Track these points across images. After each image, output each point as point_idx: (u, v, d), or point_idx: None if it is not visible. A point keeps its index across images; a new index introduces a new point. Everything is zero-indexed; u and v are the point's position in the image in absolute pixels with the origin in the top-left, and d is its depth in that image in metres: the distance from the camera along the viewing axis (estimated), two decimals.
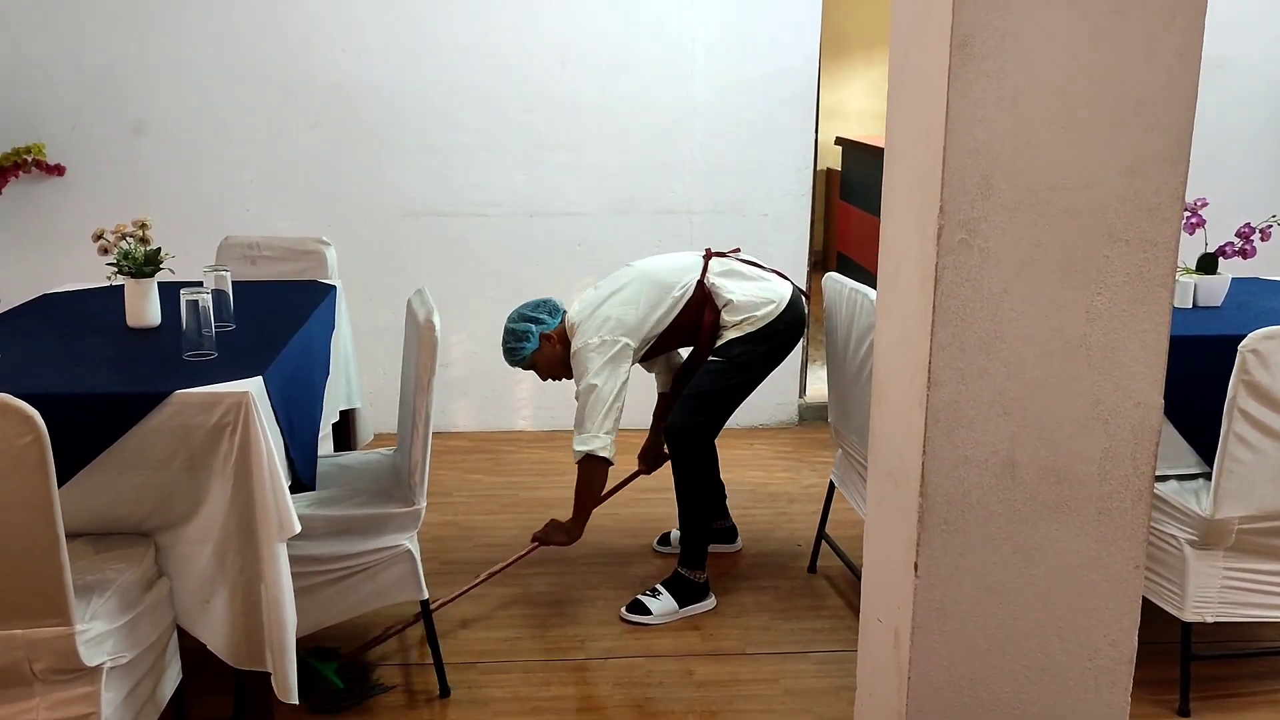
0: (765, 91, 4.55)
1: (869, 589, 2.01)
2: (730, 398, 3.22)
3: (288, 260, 3.60)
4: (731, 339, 3.17)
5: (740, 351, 3.16)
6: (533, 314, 3.24)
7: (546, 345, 3.22)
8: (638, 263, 3.34)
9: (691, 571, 3.20)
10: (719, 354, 3.18)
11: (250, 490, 2.23)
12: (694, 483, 3.21)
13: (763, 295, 3.19)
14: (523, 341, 3.21)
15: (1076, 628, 1.80)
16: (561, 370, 3.26)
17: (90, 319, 2.88)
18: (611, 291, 3.22)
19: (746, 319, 3.17)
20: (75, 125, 4.35)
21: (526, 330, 3.22)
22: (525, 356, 3.23)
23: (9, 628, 1.96)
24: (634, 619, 3.15)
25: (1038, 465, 1.74)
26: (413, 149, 4.48)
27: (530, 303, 3.29)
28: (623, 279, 3.26)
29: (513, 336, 3.23)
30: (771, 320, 3.17)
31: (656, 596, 3.19)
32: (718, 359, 3.18)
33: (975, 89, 1.61)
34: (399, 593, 2.66)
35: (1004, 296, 1.68)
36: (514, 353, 3.24)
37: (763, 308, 3.17)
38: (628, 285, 3.23)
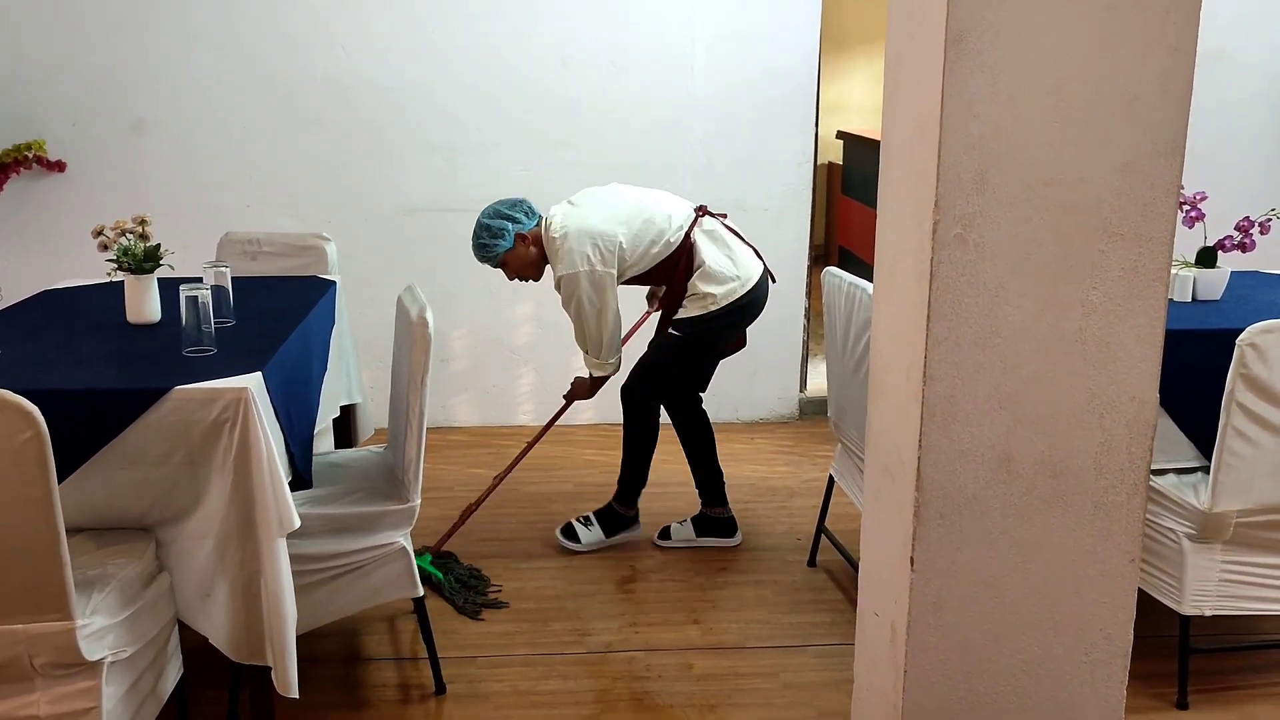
0: (765, 87, 4.55)
1: (866, 583, 2.01)
2: (681, 370, 3.45)
3: (288, 256, 3.60)
4: (691, 315, 3.32)
5: (695, 330, 3.34)
6: (509, 212, 3.27)
7: (520, 245, 3.27)
8: (627, 189, 3.40)
9: (623, 507, 3.55)
10: (677, 328, 3.34)
11: (250, 485, 2.24)
12: (637, 437, 3.48)
13: (731, 270, 3.33)
14: (498, 239, 3.24)
15: (1072, 621, 1.80)
16: (531, 272, 3.34)
17: (90, 315, 2.89)
18: (603, 215, 3.26)
19: (709, 295, 3.30)
20: (76, 122, 4.36)
21: (503, 228, 3.24)
22: (497, 254, 3.27)
23: (10, 622, 1.97)
24: (566, 543, 3.51)
25: (1033, 459, 1.75)
26: (413, 146, 4.49)
27: (507, 200, 3.33)
28: (612, 203, 3.31)
29: (487, 232, 3.25)
30: (731, 300, 3.32)
31: (588, 526, 3.50)
32: (675, 333, 3.35)
33: (970, 84, 1.61)
34: (394, 590, 2.66)
35: (999, 291, 1.69)
36: (486, 249, 3.26)
37: (726, 284, 3.31)
38: (621, 209, 3.29)
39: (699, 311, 3.31)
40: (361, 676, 2.82)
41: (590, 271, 3.19)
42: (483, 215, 3.28)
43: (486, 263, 3.32)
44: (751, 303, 3.37)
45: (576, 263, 3.19)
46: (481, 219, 3.28)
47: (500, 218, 3.25)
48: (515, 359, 4.73)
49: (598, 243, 3.20)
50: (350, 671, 2.84)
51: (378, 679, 2.81)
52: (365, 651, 2.94)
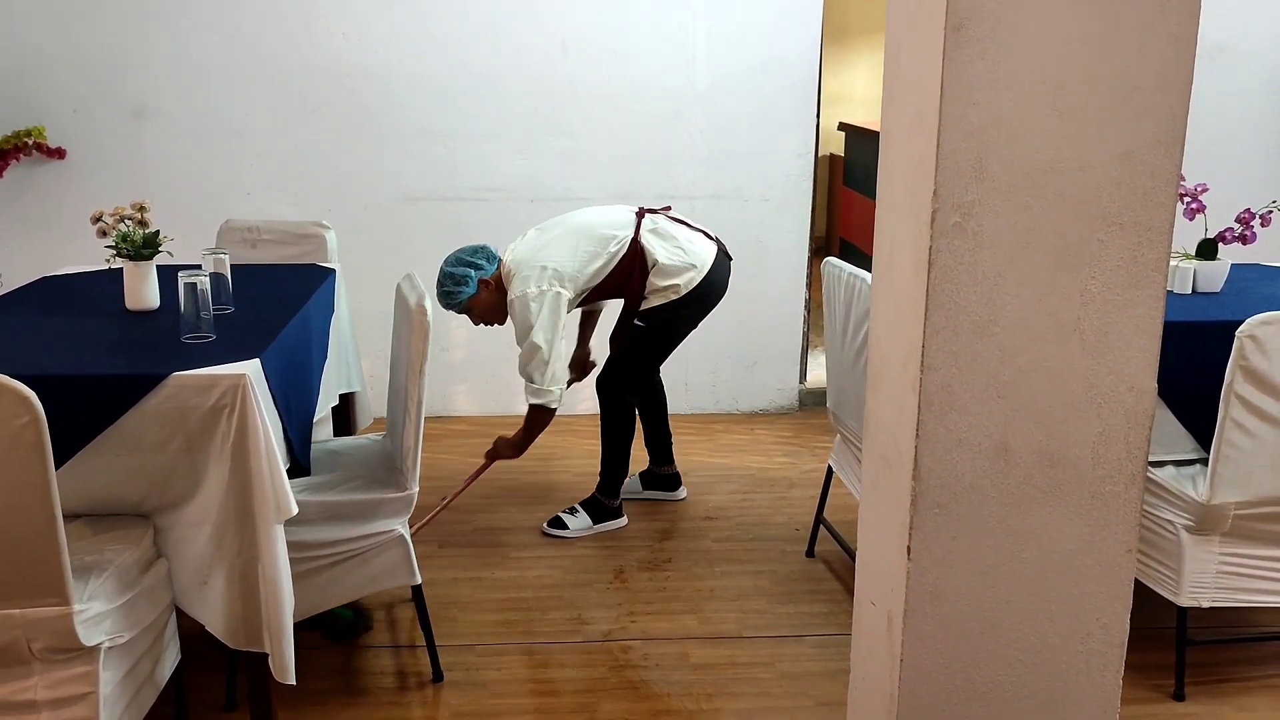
0: (767, 78, 4.54)
1: (863, 573, 2.01)
2: (652, 357, 3.57)
3: (288, 244, 3.60)
4: (655, 305, 3.42)
5: (662, 320, 3.44)
6: (470, 259, 3.35)
7: (484, 291, 3.36)
8: (573, 214, 3.50)
9: (606, 498, 3.62)
10: (643, 319, 3.44)
11: (248, 472, 2.24)
12: (615, 429, 3.58)
13: (686, 260, 3.42)
14: (461, 286, 3.33)
15: (1068, 611, 1.80)
16: (495, 316, 3.44)
17: (89, 301, 2.89)
18: (549, 240, 3.36)
19: (670, 286, 3.40)
20: (76, 108, 4.35)
21: (465, 275, 3.33)
22: (462, 301, 3.36)
23: (7, 607, 1.97)
24: (554, 533, 3.55)
25: (1031, 449, 1.74)
26: (413, 134, 4.48)
27: (468, 248, 3.40)
28: (559, 228, 3.41)
29: (450, 280, 3.33)
30: (692, 288, 3.42)
31: (574, 515, 3.56)
32: (641, 324, 3.45)
33: (970, 72, 1.61)
34: (392, 578, 2.67)
35: (998, 280, 1.68)
36: (450, 296, 3.35)
37: (684, 274, 3.41)
38: (565, 235, 3.37)
39: (660, 301, 3.42)
40: (359, 663, 2.83)
41: (540, 292, 3.26)
42: (445, 264, 3.37)
43: (451, 309, 3.41)
44: (712, 284, 3.46)
45: (527, 286, 3.27)
46: (445, 267, 3.36)
47: (462, 265, 3.34)
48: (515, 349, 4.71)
49: (546, 264, 3.29)
50: (348, 658, 2.85)
51: (375, 666, 2.81)
52: (364, 638, 2.94)
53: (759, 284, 4.65)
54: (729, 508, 3.81)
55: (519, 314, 3.29)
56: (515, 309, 3.30)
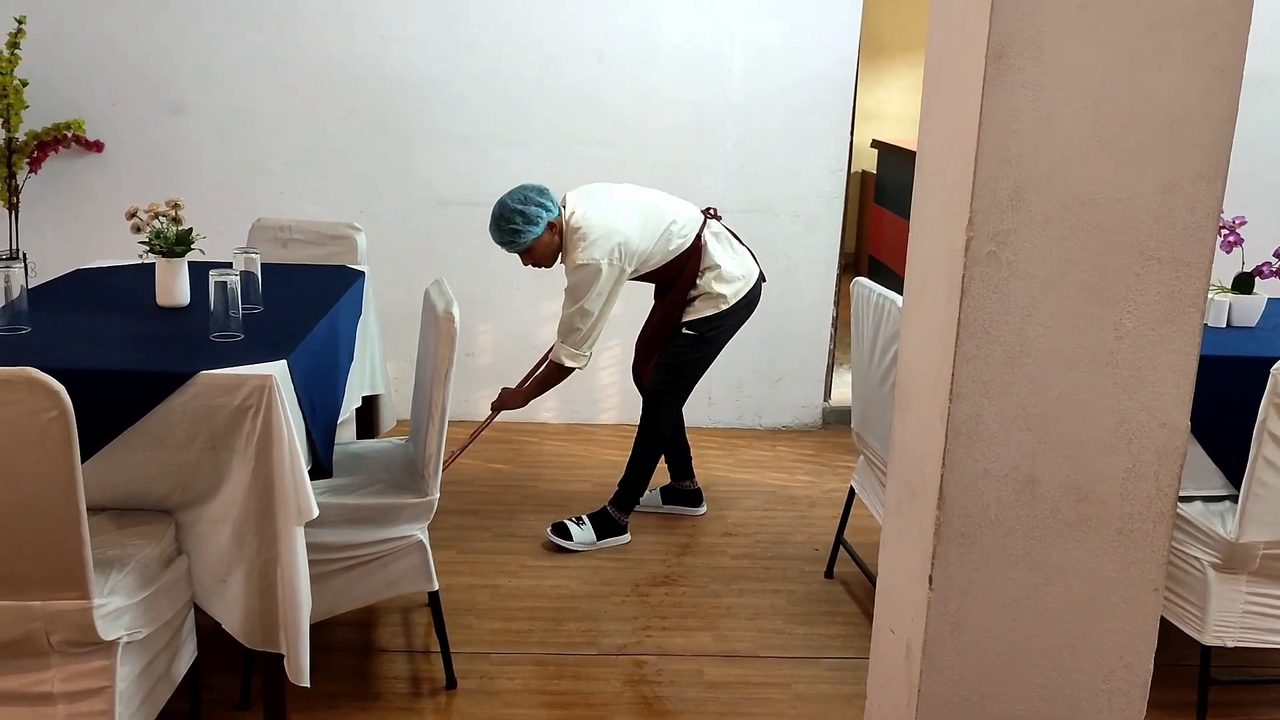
0: (801, 92, 4.52)
1: (883, 599, 1.99)
2: (700, 368, 3.53)
3: (318, 244, 3.62)
4: (706, 315, 3.41)
5: (711, 328, 3.44)
6: (539, 200, 3.26)
7: (548, 233, 3.27)
8: (645, 191, 3.45)
9: (618, 513, 3.57)
10: (693, 328, 3.43)
11: (270, 473, 2.25)
12: (655, 442, 3.54)
13: (739, 270, 3.46)
14: (532, 225, 3.23)
15: (1092, 648, 1.78)
16: (548, 261, 3.35)
17: (121, 296, 2.91)
18: (619, 207, 3.31)
19: (719, 295, 3.41)
20: (115, 103, 4.39)
21: (538, 215, 3.24)
22: (527, 242, 3.26)
23: (28, 599, 1.98)
24: (556, 540, 3.50)
25: (1058, 482, 1.72)
26: (447, 139, 4.50)
27: (533, 186, 3.30)
28: (631, 198, 3.37)
29: (522, 218, 3.23)
30: (740, 298, 3.44)
31: (580, 525, 3.52)
32: (692, 333, 3.43)
33: (1010, 100, 1.59)
34: (410, 583, 2.67)
35: (1031, 311, 1.66)
36: (518, 235, 3.24)
37: (734, 283, 3.43)
38: (637, 209, 3.34)
39: (711, 311, 3.42)
40: (373, 668, 2.83)
41: (610, 265, 3.25)
42: (512, 201, 3.24)
43: (510, 248, 3.30)
44: (751, 300, 3.51)
45: (597, 254, 3.23)
46: (513, 205, 3.24)
47: (533, 204, 3.24)
48: (539, 355, 4.71)
49: (618, 239, 3.26)
50: (362, 662, 2.85)
51: (389, 671, 2.81)
52: (379, 643, 2.95)
53: (787, 299, 4.63)
54: (748, 524, 3.80)
55: (582, 277, 3.24)
56: (580, 272, 3.24)
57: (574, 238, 3.26)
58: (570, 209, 3.31)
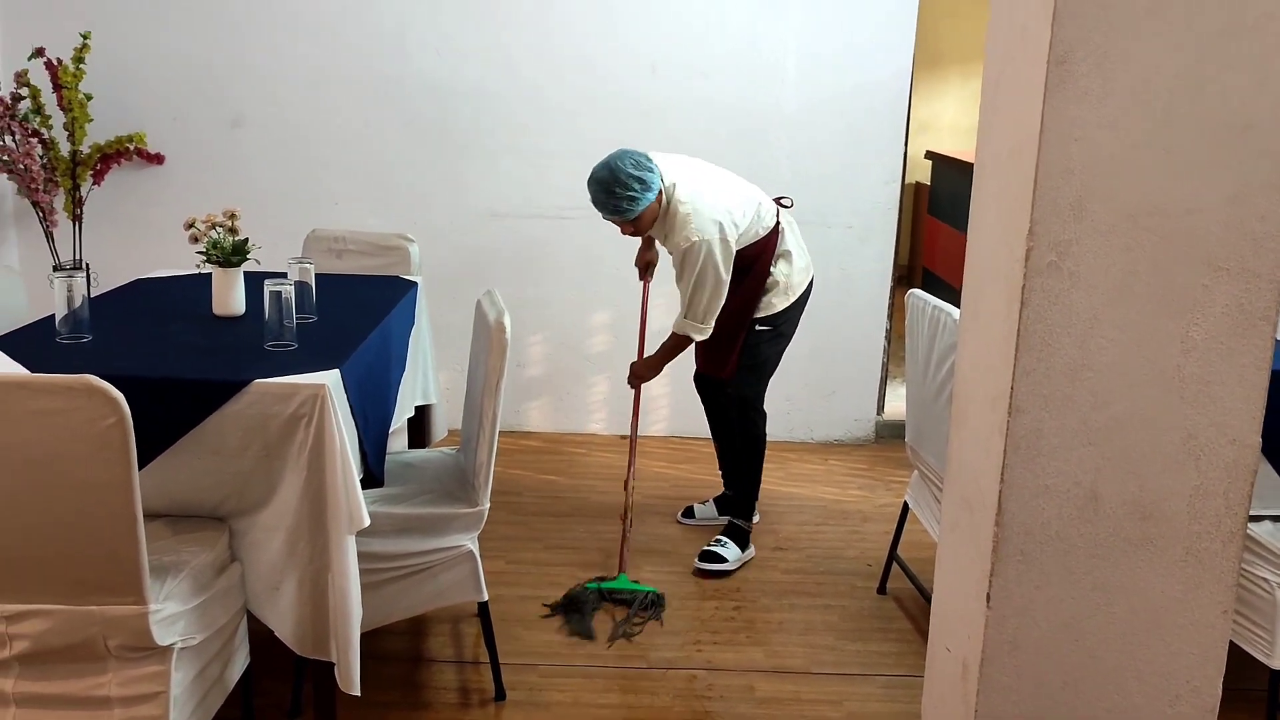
0: (855, 103, 4.48)
1: (938, 617, 1.95)
2: (777, 361, 3.51)
3: (372, 255, 3.65)
4: (780, 309, 3.39)
5: (785, 320, 3.43)
6: (650, 166, 3.15)
7: (657, 202, 3.20)
8: (732, 174, 3.41)
9: (746, 521, 3.53)
10: (768, 323, 3.40)
11: (323, 481, 2.26)
12: (759, 444, 3.53)
13: (804, 260, 3.46)
14: (647, 192, 3.13)
15: (1157, 671, 1.73)
16: (648, 228, 3.28)
17: (178, 305, 2.95)
18: (721, 186, 3.28)
19: (787, 285, 3.40)
20: (175, 116, 4.47)
21: (653, 181, 3.14)
22: (640, 210, 3.15)
23: (87, 603, 2.01)
24: (711, 568, 3.40)
25: (1122, 500, 1.68)
26: (500, 151, 4.52)
27: (638, 153, 3.17)
28: (726, 178, 3.34)
29: (640, 185, 3.12)
30: (805, 288, 3.45)
31: (723, 546, 3.44)
32: (767, 328, 3.41)
33: (1072, 108, 1.56)
34: (460, 593, 2.66)
35: (1094, 323, 1.62)
36: (634, 202, 3.13)
37: (801, 273, 3.44)
38: (735, 188, 3.32)
39: (784, 304, 3.41)
40: (423, 677, 2.83)
41: (722, 240, 3.19)
42: (626, 165, 3.11)
43: (619, 215, 3.18)
44: (809, 291, 3.50)
45: (708, 230, 3.17)
46: (629, 169, 3.10)
47: (645, 169, 3.12)
48: (590, 367, 4.72)
49: (724, 216, 3.21)
50: (412, 672, 2.85)
51: (439, 681, 2.81)
52: (428, 653, 2.95)
53: (839, 312, 4.59)
54: (800, 539, 3.76)
55: (703, 256, 3.15)
56: (694, 250, 3.16)
57: (679, 213, 3.17)
58: (670, 181, 3.21)
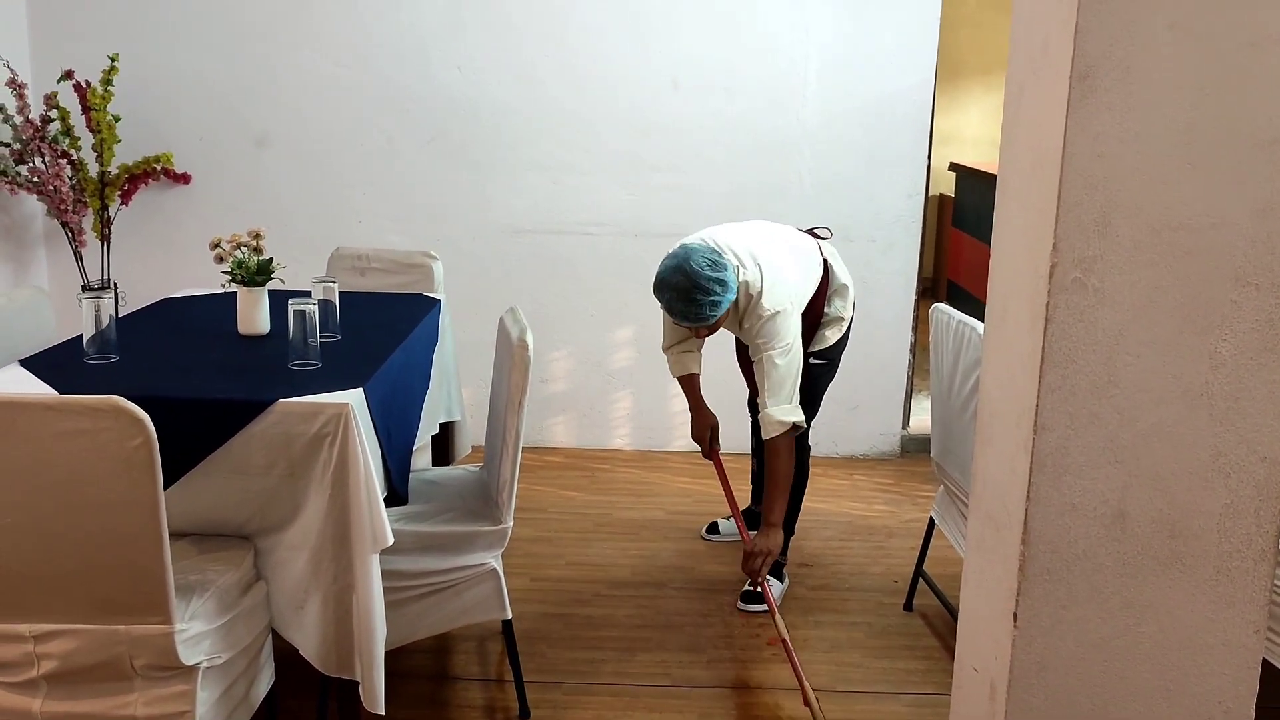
0: (877, 115, 4.47)
1: (965, 636, 1.93)
2: (826, 388, 3.43)
3: (396, 273, 3.67)
4: (831, 343, 3.32)
5: (838, 350, 3.38)
6: (723, 260, 2.96)
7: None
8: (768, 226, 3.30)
9: (783, 554, 3.40)
10: (822, 356, 3.33)
11: (347, 500, 2.27)
12: (803, 475, 3.39)
13: (849, 282, 3.38)
14: (728, 292, 2.94)
15: (1188, 691, 1.70)
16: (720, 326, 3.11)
17: (204, 324, 2.98)
18: (780, 256, 3.13)
19: (839, 317, 3.33)
20: (202, 136, 4.52)
21: (731, 280, 2.95)
22: (722, 312, 2.97)
23: (113, 623, 2.02)
24: (755, 609, 3.27)
25: (1150, 518, 1.65)
26: (522, 167, 4.53)
27: (707, 252, 2.95)
28: (778, 243, 3.20)
29: (721, 287, 2.92)
30: (852, 310, 3.38)
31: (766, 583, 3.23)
32: (822, 361, 3.33)
33: (1096, 122, 1.54)
34: (483, 611, 2.66)
35: (1119, 339, 1.60)
36: (715, 306, 2.93)
37: (848, 298, 3.36)
38: (789, 254, 3.19)
39: (836, 336, 3.34)
40: (447, 695, 2.83)
41: (793, 306, 3.06)
42: (701, 268, 2.89)
43: (703, 321, 2.98)
44: (854, 314, 3.43)
45: (783, 300, 3.02)
46: (707, 272, 2.90)
47: (721, 269, 2.93)
48: (613, 383, 4.72)
49: (795, 285, 3.11)
50: (437, 690, 2.85)
51: (463, 699, 2.81)
52: (452, 670, 2.95)
53: (863, 325, 4.54)
54: (825, 555, 3.73)
55: (779, 326, 2.99)
56: (773, 322, 2.98)
57: (755, 299, 3.01)
58: (734, 264, 3.00)
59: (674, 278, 2.92)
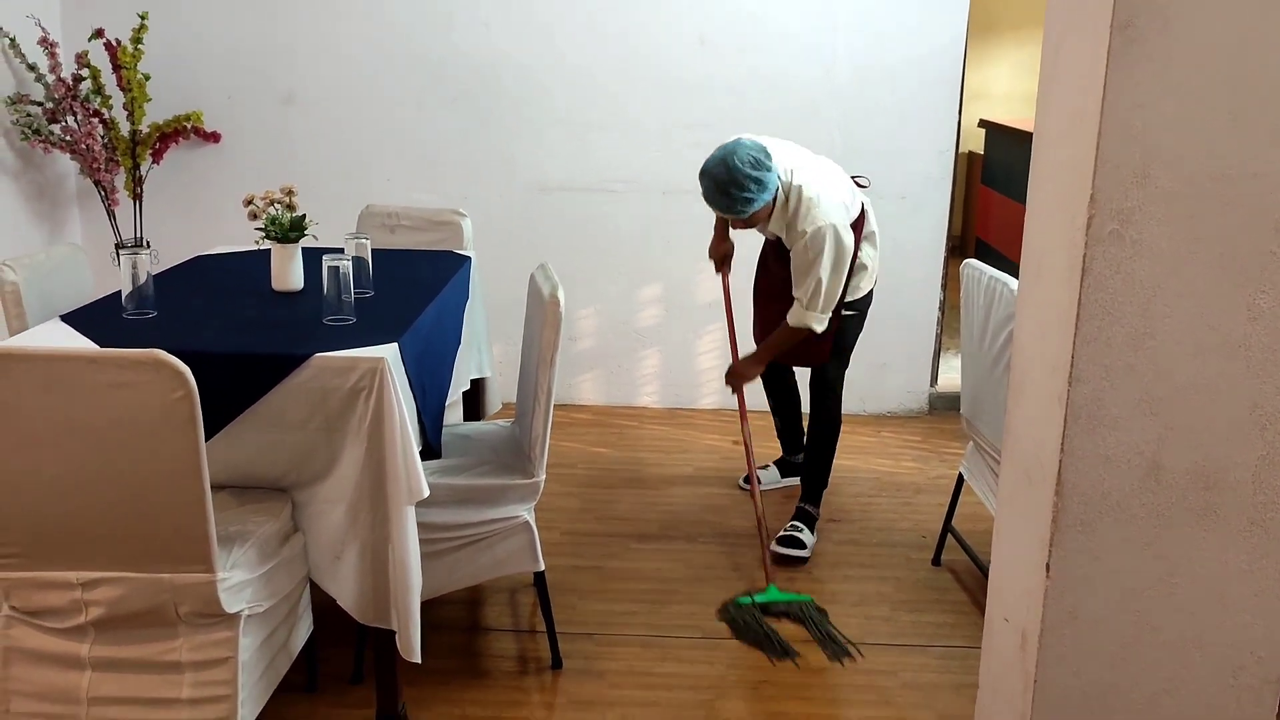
0: (908, 72, 4.43)
1: (996, 587, 1.95)
2: (855, 343, 3.51)
3: (425, 230, 3.68)
4: (866, 291, 3.39)
5: (868, 301, 3.43)
6: (769, 164, 3.06)
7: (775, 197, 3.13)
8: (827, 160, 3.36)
9: (816, 507, 3.51)
10: (854, 307, 3.37)
11: (382, 453, 2.29)
12: (835, 425, 3.49)
13: (879, 237, 3.44)
14: (765, 191, 3.06)
15: (1220, 641, 1.71)
16: (759, 224, 3.23)
17: (238, 281, 3.01)
18: (829, 176, 3.25)
19: (870, 265, 3.38)
20: (231, 95, 4.53)
21: (770, 180, 3.06)
22: (756, 209, 3.09)
23: (158, 571, 2.07)
24: (791, 553, 3.35)
25: (1185, 469, 1.66)
26: (550, 124, 4.52)
27: (757, 147, 3.07)
28: (827, 166, 3.31)
29: (757, 185, 3.03)
30: (878, 266, 3.44)
31: (800, 532, 3.41)
32: (854, 312, 3.39)
33: (1136, 73, 1.53)
34: (516, 563, 2.70)
35: (1157, 291, 1.60)
36: (751, 203, 3.06)
37: (878, 250, 3.43)
38: (837, 177, 3.29)
39: (868, 286, 3.40)
40: (481, 646, 2.88)
41: (843, 226, 3.13)
42: (741, 164, 3.01)
43: (737, 215, 3.12)
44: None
45: (832, 217, 3.10)
46: (744, 169, 3.01)
47: (763, 169, 3.04)
48: (641, 341, 4.74)
49: (843, 203, 3.19)
50: (470, 640, 2.90)
51: (496, 649, 2.86)
52: (485, 622, 3.00)
53: (892, 283, 4.52)
54: (853, 511, 3.75)
55: (829, 240, 3.08)
56: (817, 238, 3.08)
57: (799, 202, 3.10)
58: (788, 168, 3.14)
59: (716, 169, 3.05)
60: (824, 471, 3.51)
